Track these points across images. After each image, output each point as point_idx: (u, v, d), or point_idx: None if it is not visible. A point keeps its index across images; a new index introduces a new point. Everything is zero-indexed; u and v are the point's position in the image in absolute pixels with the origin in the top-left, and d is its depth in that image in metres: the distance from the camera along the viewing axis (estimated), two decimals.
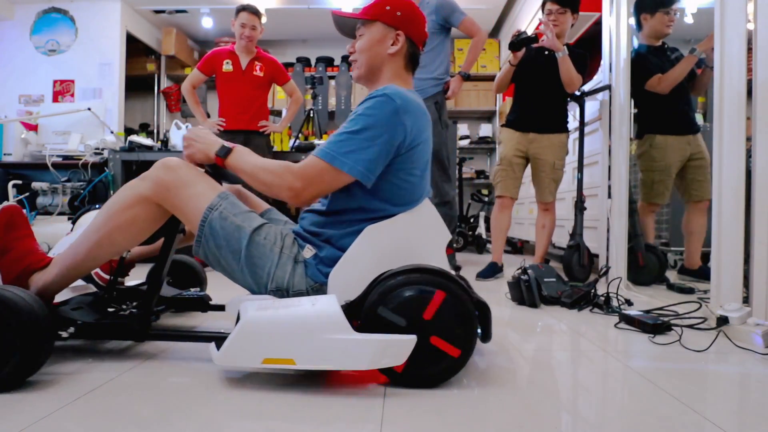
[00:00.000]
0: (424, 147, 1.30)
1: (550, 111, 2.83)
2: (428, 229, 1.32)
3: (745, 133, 1.73)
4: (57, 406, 0.97)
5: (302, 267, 1.24)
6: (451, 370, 1.11)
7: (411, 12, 1.38)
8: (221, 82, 3.28)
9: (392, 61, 1.37)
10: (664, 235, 3.25)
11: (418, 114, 1.25)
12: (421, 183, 1.31)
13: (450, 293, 1.09)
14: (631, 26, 2.70)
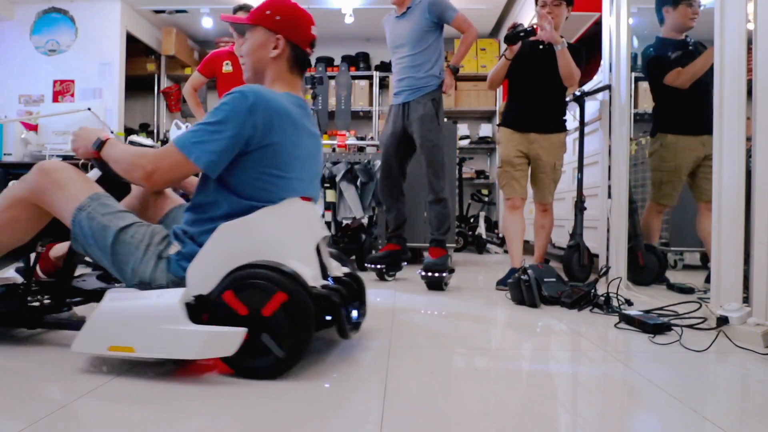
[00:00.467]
0: (283, 148, 1.32)
1: (549, 109, 2.73)
2: (293, 227, 1.34)
3: (745, 133, 1.73)
4: (57, 406, 0.97)
5: (165, 263, 1.30)
6: (277, 369, 1.14)
7: (292, 16, 1.42)
8: (222, 83, 3.28)
9: (275, 64, 1.43)
10: (664, 235, 3.25)
11: (275, 114, 1.29)
12: (283, 182, 1.33)
13: (292, 296, 1.12)
14: (631, 26, 2.70)
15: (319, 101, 5.70)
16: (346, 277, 1.51)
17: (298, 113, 1.38)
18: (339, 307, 1.22)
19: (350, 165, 3.49)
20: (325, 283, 1.33)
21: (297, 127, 1.36)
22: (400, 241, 2.86)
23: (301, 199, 1.38)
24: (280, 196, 1.32)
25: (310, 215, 1.42)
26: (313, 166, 1.46)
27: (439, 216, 2.68)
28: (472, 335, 1.66)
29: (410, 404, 1.02)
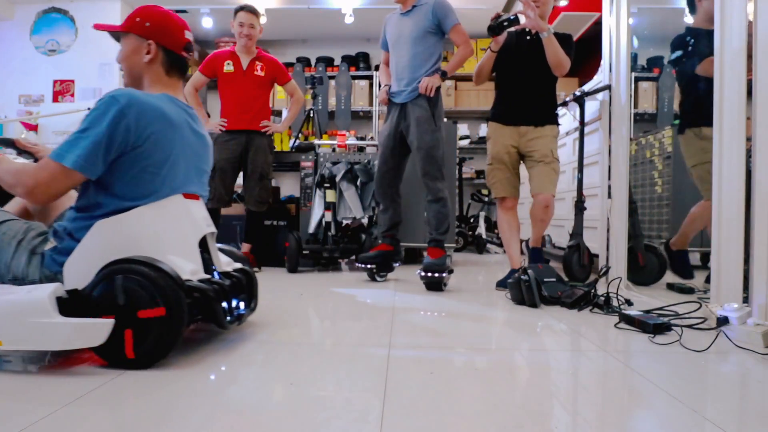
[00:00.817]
0: (159, 147, 1.36)
1: (539, 100, 2.62)
2: (173, 223, 1.39)
3: (745, 133, 1.73)
4: (58, 406, 0.97)
5: (39, 258, 1.33)
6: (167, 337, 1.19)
7: (162, 22, 1.48)
8: (223, 83, 3.28)
9: (150, 69, 1.48)
10: (665, 235, 3.25)
11: (148, 115, 1.34)
12: (162, 181, 1.38)
13: (133, 273, 1.19)
14: (631, 26, 2.70)
15: (319, 101, 5.70)
16: (235, 272, 1.58)
17: (176, 113, 1.43)
18: (213, 300, 1.31)
19: (350, 165, 3.49)
20: (205, 277, 1.39)
21: (174, 127, 1.41)
22: (392, 242, 2.84)
23: (184, 196, 1.44)
24: (160, 195, 1.37)
25: (194, 212, 1.46)
26: (197, 164, 1.52)
27: (437, 215, 2.67)
28: (472, 335, 1.66)
29: (410, 404, 1.02)
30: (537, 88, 2.61)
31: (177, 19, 1.51)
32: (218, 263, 1.55)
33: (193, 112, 1.55)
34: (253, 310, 1.64)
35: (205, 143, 1.58)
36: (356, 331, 1.71)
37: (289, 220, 3.66)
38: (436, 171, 2.65)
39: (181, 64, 1.52)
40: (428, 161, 2.63)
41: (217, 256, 1.56)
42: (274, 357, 1.37)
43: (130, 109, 1.29)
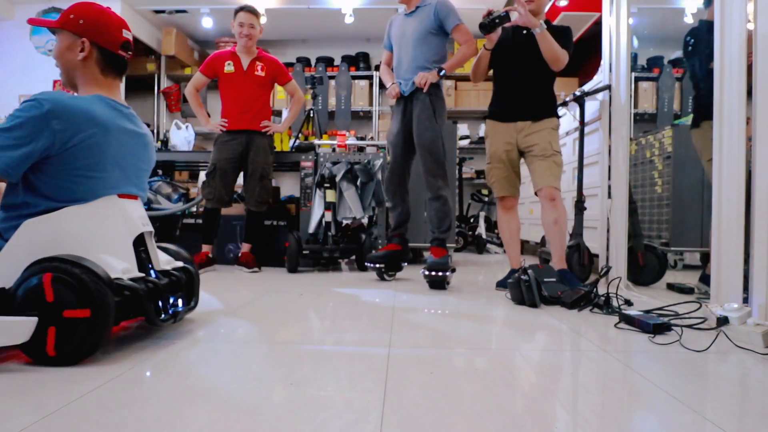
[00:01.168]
0: (88, 149, 1.37)
1: (536, 96, 2.56)
2: (105, 223, 1.41)
3: (745, 133, 1.73)
4: (58, 406, 0.97)
5: None
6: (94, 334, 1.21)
7: (96, 19, 1.48)
8: (223, 83, 3.29)
9: (85, 67, 1.48)
10: (665, 236, 3.25)
11: (75, 118, 1.34)
12: (93, 182, 1.39)
13: (58, 271, 1.21)
14: (631, 26, 2.70)
15: (319, 101, 5.70)
16: (174, 271, 1.59)
17: (108, 114, 1.44)
18: (144, 298, 1.33)
19: (350, 165, 3.49)
20: (138, 275, 1.41)
21: (107, 128, 1.42)
22: (401, 241, 2.86)
23: (119, 196, 1.46)
24: (91, 196, 1.39)
25: (130, 211, 1.48)
26: (134, 164, 1.53)
27: (438, 213, 2.67)
28: (472, 335, 1.66)
29: (410, 404, 1.02)
30: (534, 83, 2.55)
31: (114, 18, 1.51)
32: (156, 262, 1.56)
33: (129, 111, 1.56)
34: (192, 308, 1.68)
35: (143, 142, 1.59)
36: (356, 331, 1.71)
37: (289, 220, 3.66)
38: (437, 168, 2.65)
39: (118, 63, 1.52)
40: (429, 158, 2.64)
41: (155, 255, 1.57)
42: (274, 357, 1.37)
43: (53, 114, 1.30)
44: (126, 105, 1.56)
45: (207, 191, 3.24)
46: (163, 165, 4.14)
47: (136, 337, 1.51)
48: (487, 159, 2.67)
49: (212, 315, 1.88)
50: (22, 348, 1.21)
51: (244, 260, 3.28)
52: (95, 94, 1.47)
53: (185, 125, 4.07)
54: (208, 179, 3.24)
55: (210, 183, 3.23)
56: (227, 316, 1.88)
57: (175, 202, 3.72)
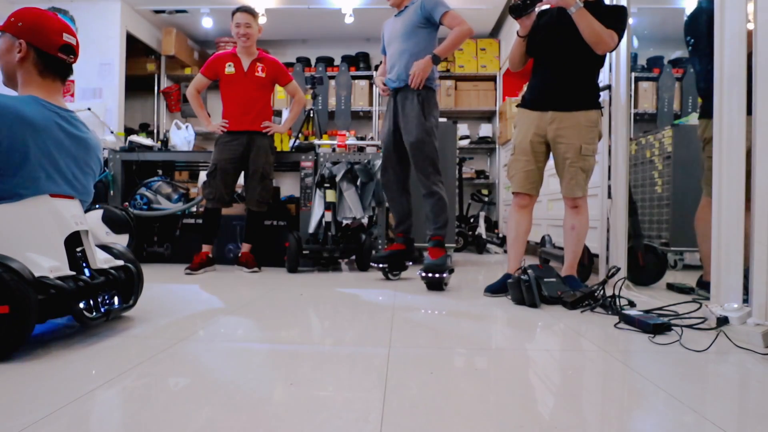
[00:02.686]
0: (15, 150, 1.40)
1: (573, 83, 2.29)
2: (33, 222, 1.44)
3: (745, 132, 1.73)
4: (58, 406, 0.97)
5: None
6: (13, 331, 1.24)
7: (35, 22, 1.52)
8: (224, 84, 3.30)
9: (22, 68, 1.53)
10: (665, 235, 3.25)
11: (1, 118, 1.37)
12: (16, 181, 1.42)
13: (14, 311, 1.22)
14: (631, 26, 2.70)
15: (319, 101, 5.70)
16: (112, 269, 1.62)
17: (40, 116, 1.46)
18: (70, 296, 1.36)
19: (350, 165, 3.49)
20: (68, 274, 1.43)
21: (35, 130, 1.44)
22: (405, 240, 2.85)
23: (53, 196, 1.48)
24: (18, 194, 1.42)
25: (62, 210, 1.50)
26: (72, 165, 1.55)
27: (433, 209, 2.66)
28: (472, 335, 1.66)
29: (410, 404, 1.02)
30: (572, 68, 2.28)
31: (54, 21, 1.54)
32: (93, 260, 1.58)
33: (67, 114, 1.58)
34: (130, 307, 1.70)
35: (83, 144, 1.61)
36: (356, 331, 1.71)
37: (289, 220, 3.66)
38: (428, 165, 2.63)
39: (58, 66, 1.55)
40: (419, 156, 2.63)
41: (92, 254, 1.59)
42: (274, 357, 1.37)
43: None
44: (66, 108, 1.59)
45: (208, 191, 3.24)
46: (163, 165, 4.14)
47: (134, 336, 1.51)
48: (511, 150, 2.46)
49: (212, 315, 1.88)
50: None
51: (244, 260, 3.28)
52: (30, 95, 1.50)
53: (185, 125, 4.07)
54: (209, 179, 3.24)
55: (211, 183, 3.23)
56: (227, 315, 1.89)
57: (175, 202, 3.72)
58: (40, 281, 1.32)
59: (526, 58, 2.43)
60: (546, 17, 2.32)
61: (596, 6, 2.24)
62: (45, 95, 1.54)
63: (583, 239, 2.38)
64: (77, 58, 1.60)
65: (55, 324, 1.64)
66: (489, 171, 6.21)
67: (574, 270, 2.40)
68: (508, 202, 4.39)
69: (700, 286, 2.44)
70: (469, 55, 5.91)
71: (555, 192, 2.90)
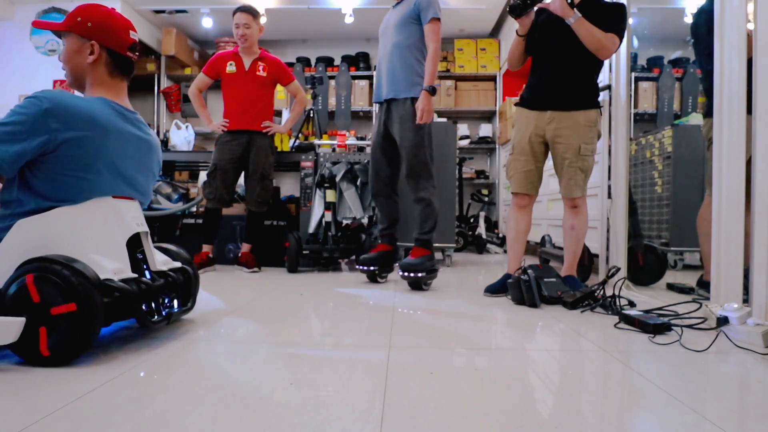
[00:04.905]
0: (85, 151, 1.37)
1: (572, 82, 2.29)
2: (97, 223, 1.41)
3: (745, 133, 1.73)
4: (59, 405, 0.97)
5: None
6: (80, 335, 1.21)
7: (103, 22, 1.47)
8: (225, 83, 3.30)
9: (94, 70, 1.48)
10: (665, 235, 3.25)
11: (74, 118, 1.34)
12: (87, 184, 1.39)
13: (44, 272, 1.21)
14: (631, 26, 2.70)
15: (319, 101, 5.70)
16: (171, 271, 1.58)
17: (109, 117, 1.43)
18: (135, 299, 1.33)
19: (350, 165, 3.49)
20: (130, 276, 1.39)
21: (106, 130, 1.41)
22: (391, 241, 2.80)
23: (115, 198, 1.46)
24: (83, 196, 1.39)
25: (123, 212, 1.48)
26: (135, 168, 1.53)
27: (421, 215, 2.62)
28: (472, 335, 1.66)
29: (410, 404, 1.02)
30: (571, 68, 2.27)
31: (120, 19, 1.51)
32: (152, 262, 1.56)
33: (134, 116, 1.55)
34: (189, 310, 1.67)
35: (145, 146, 1.59)
36: (356, 331, 1.71)
37: (289, 220, 3.66)
38: (420, 170, 2.59)
39: (126, 65, 1.52)
40: (413, 160, 2.59)
41: (151, 256, 1.57)
42: (274, 357, 1.37)
43: (52, 113, 1.30)
44: (132, 110, 1.56)
45: (208, 191, 3.24)
46: (163, 165, 4.13)
47: (135, 337, 1.51)
48: (510, 150, 2.46)
49: (212, 315, 1.88)
50: (15, 349, 1.21)
51: (244, 260, 3.28)
52: (99, 97, 1.46)
53: (185, 125, 4.07)
54: (209, 179, 3.24)
55: (211, 183, 3.23)
56: (227, 315, 1.89)
57: (175, 202, 3.72)
58: (106, 284, 1.28)
59: (525, 56, 2.42)
60: (544, 15, 2.31)
61: (595, 4, 2.24)
62: (113, 96, 1.50)
63: (582, 239, 2.38)
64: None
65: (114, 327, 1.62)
66: (489, 171, 6.21)
67: (574, 270, 2.40)
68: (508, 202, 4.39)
69: (700, 286, 2.44)
70: (469, 55, 5.91)
71: (555, 192, 2.90)
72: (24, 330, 1.19)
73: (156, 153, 1.66)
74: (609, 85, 2.79)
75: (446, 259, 3.73)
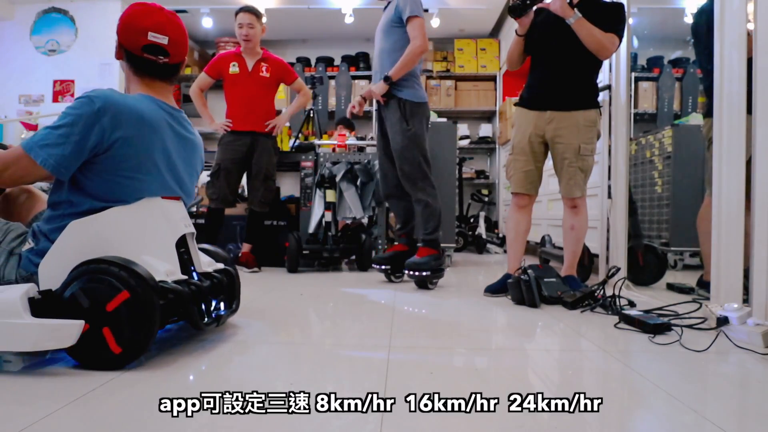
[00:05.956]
0: (135, 151, 1.35)
1: (571, 82, 2.28)
2: (148, 224, 1.38)
3: (745, 134, 1.73)
4: (58, 406, 0.97)
5: (16, 259, 1.34)
6: (113, 364, 1.19)
7: (125, 21, 1.44)
8: (228, 84, 3.29)
9: (126, 69, 1.48)
10: (665, 235, 3.25)
11: (124, 118, 1.32)
12: (137, 184, 1.37)
13: (104, 273, 1.19)
14: (631, 26, 2.70)
15: (319, 101, 5.70)
16: (216, 273, 1.56)
17: (156, 116, 1.41)
18: (189, 301, 1.29)
19: (350, 165, 3.49)
20: (181, 278, 1.36)
21: (154, 130, 1.39)
22: (408, 241, 2.79)
23: (163, 198, 1.43)
24: (134, 197, 1.36)
25: (172, 213, 1.45)
26: (182, 167, 1.50)
27: (421, 216, 2.61)
28: (473, 335, 1.66)
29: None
30: (570, 68, 2.27)
31: (142, 20, 1.41)
32: (198, 264, 1.53)
33: (178, 114, 1.52)
34: (234, 312, 1.63)
35: (191, 145, 1.57)
36: (356, 331, 1.71)
37: (289, 220, 3.66)
38: (414, 171, 2.56)
39: (147, 66, 1.44)
40: (404, 162, 2.57)
41: (197, 257, 1.54)
42: (274, 357, 1.37)
43: (105, 112, 1.29)
44: (176, 108, 1.52)
45: (211, 191, 3.24)
46: None
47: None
48: (510, 150, 2.45)
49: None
50: (71, 351, 1.18)
51: (244, 260, 3.28)
52: (143, 94, 1.44)
53: None
54: (213, 179, 3.24)
55: (214, 183, 3.23)
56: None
57: None
58: (162, 286, 1.25)
59: (524, 56, 2.42)
60: (542, 15, 2.30)
61: (593, 4, 2.23)
62: (154, 95, 1.47)
63: (582, 239, 2.37)
64: (178, 57, 1.47)
65: None
66: (489, 171, 6.21)
67: (574, 270, 2.40)
68: (508, 202, 4.39)
69: (700, 286, 2.44)
70: (469, 55, 5.91)
71: (555, 192, 2.90)
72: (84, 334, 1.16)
73: (199, 152, 1.63)
74: (609, 85, 2.79)
75: (446, 259, 3.73)
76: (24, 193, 1.66)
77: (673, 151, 3.16)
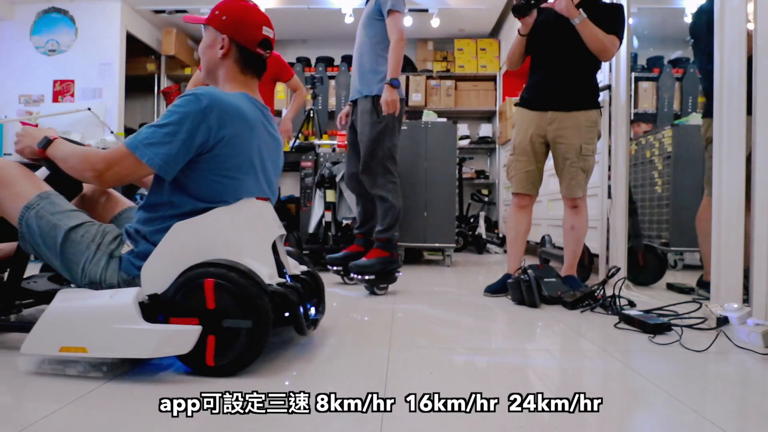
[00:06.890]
0: (237, 150, 1.32)
1: (573, 83, 2.29)
2: (248, 226, 1.34)
3: (745, 134, 1.73)
4: (57, 407, 0.97)
5: (116, 262, 1.30)
6: (234, 366, 1.15)
7: (238, 16, 1.42)
8: None
9: (224, 65, 1.43)
10: (665, 235, 3.25)
11: (229, 116, 1.29)
12: (238, 184, 1.33)
13: (220, 278, 1.14)
14: (631, 26, 2.70)
15: (319, 101, 5.71)
16: (303, 275, 1.53)
17: (254, 115, 1.39)
18: (295, 305, 1.25)
19: None
20: (281, 281, 1.33)
21: (253, 129, 1.37)
22: (364, 242, 2.66)
23: (257, 199, 1.40)
24: (234, 197, 1.33)
25: (266, 215, 1.42)
26: (271, 167, 1.48)
27: (379, 210, 2.51)
28: (472, 335, 1.66)
29: None
30: (571, 68, 2.28)
31: (256, 14, 1.45)
32: (288, 266, 1.49)
33: (268, 112, 1.50)
34: (322, 314, 1.58)
35: (278, 144, 1.54)
36: (356, 330, 1.71)
37: (289, 220, 3.66)
38: (374, 166, 2.48)
39: (256, 62, 1.45)
40: (366, 154, 2.48)
41: (286, 259, 1.50)
42: (273, 356, 1.37)
43: (211, 110, 1.25)
44: (267, 106, 1.51)
45: None
46: None
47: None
48: (511, 150, 2.45)
49: None
50: (181, 357, 1.15)
51: None
52: (241, 92, 1.41)
53: None
54: None
55: None
56: None
57: None
58: (270, 290, 1.20)
59: (525, 56, 2.42)
60: (543, 15, 2.30)
61: (593, 5, 2.23)
62: (248, 92, 1.44)
63: (582, 239, 2.38)
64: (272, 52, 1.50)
65: None
66: (489, 171, 6.20)
67: (574, 270, 2.40)
68: (508, 202, 4.39)
69: (700, 286, 2.44)
70: (469, 55, 5.91)
71: (555, 192, 2.90)
72: None
73: (282, 152, 1.60)
74: (609, 85, 2.79)
75: (446, 259, 3.73)
76: (103, 195, 1.64)
77: (673, 151, 3.16)
